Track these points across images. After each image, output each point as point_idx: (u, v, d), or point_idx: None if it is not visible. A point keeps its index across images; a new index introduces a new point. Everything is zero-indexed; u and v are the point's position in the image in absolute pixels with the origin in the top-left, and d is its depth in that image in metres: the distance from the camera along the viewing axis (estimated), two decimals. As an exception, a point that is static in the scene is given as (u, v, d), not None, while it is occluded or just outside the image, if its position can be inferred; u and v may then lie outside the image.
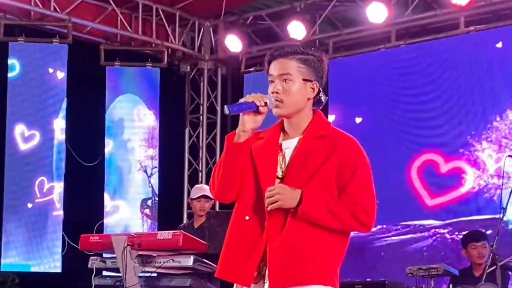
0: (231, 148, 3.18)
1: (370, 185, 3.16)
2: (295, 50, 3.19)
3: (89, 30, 9.24)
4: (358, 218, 3.09)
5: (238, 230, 3.18)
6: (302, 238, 3.08)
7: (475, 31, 8.32)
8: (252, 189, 3.18)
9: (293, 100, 3.15)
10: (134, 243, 5.32)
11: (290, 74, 3.16)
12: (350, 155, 3.14)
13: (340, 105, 8.88)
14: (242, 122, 3.15)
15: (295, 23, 9.05)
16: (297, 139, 3.19)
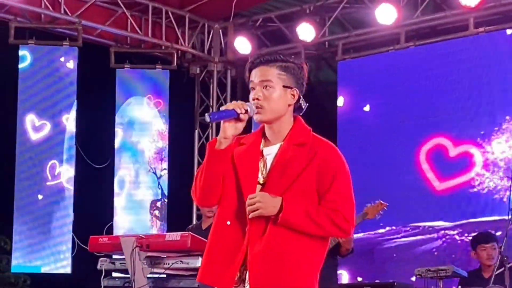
0: (213, 154, 3.24)
1: (350, 191, 3.23)
2: (275, 57, 3.27)
3: (99, 32, 9.28)
4: (338, 225, 3.18)
5: (220, 235, 3.25)
6: (282, 243, 3.16)
7: (484, 32, 8.30)
8: (233, 195, 3.25)
9: (274, 107, 3.23)
10: (142, 245, 5.35)
11: (270, 81, 3.24)
12: (329, 162, 3.21)
13: (349, 105, 8.88)
14: (223, 129, 3.22)
15: (305, 25, 9.05)
16: (278, 145, 3.26)
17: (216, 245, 3.25)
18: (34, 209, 8.72)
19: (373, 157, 8.56)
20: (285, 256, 3.15)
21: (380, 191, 7.88)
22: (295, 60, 3.30)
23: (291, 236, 3.16)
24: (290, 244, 3.16)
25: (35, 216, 8.72)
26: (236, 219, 3.23)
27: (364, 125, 8.76)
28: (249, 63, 3.32)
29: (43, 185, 8.74)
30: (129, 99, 9.49)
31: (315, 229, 3.17)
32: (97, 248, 5.78)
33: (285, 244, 3.16)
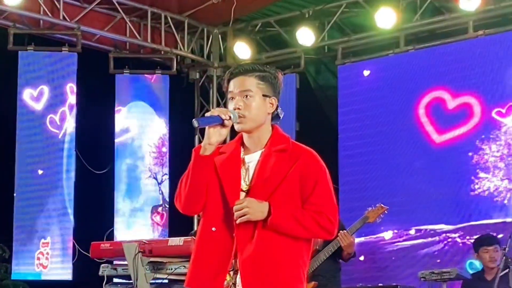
0: (198, 160, 3.30)
1: (331, 194, 3.35)
2: (253, 67, 3.36)
3: (98, 38, 9.28)
4: (323, 226, 3.29)
5: (206, 241, 3.31)
6: (271, 246, 3.25)
7: (484, 35, 8.31)
8: (217, 202, 3.31)
9: (254, 115, 3.31)
10: (145, 250, 5.35)
11: (250, 91, 3.32)
12: (310, 167, 3.31)
13: (349, 108, 8.90)
14: (208, 135, 3.28)
15: (304, 29, 9.06)
16: (259, 153, 3.35)
17: (203, 251, 3.31)
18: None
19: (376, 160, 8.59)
20: (274, 258, 3.24)
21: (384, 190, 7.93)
22: (270, 69, 3.40)
23: (278, 239, 3.26)
24: (278, 246, 3.25)
25: (35, 222, 8.70)
26: (222, 225, 3.29)
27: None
28: (227, 73, 3.40)
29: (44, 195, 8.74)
30: (129, 104, 9.48)
31: (302, 232, 3.28)
32: (99, 254, 5.77)
33: (274, 247, 3.25)
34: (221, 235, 3.28)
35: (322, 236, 3.35)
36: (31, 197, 8.72)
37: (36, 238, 8.69)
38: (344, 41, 9.21)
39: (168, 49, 9.57)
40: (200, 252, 3.31)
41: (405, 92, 8.63)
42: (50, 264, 8.63)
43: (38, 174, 8.74)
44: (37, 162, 8.76)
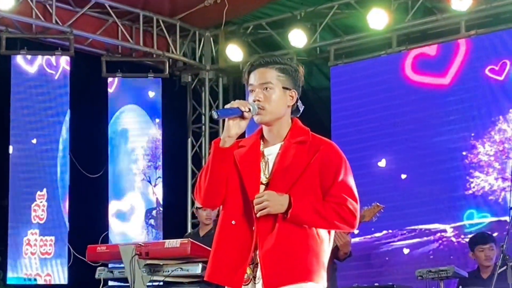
0: (218, 153, 3.30)
1: (352, 184, 3.32)
2: (274, 60, 3.34)
3: (90, 42, 9.27)
4: (344, 218, 3.26)
5: (226, 235, 3.30)
6: (291, 239, 3.22)
7: (476, 35, 8.34)
8: (237, 195, 3.30)
9: (274, 107, 3.30)
10: (141, 252, 5.35)
11: (270, 83, 3.31)
12: (331, 158, 3.28)
13: (343, 112, 8.91)
14: (227, 128, 3.28)
15: (296, 31, 9.07)
16: (279, 145, 3.33)
17: (223, 244, 3.30)
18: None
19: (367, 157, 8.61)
20: (295, 252, 3.22)
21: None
22: (291, 62, 3.38)
23: (299, 231, 3.23)
24: (298, 240, 3.23)
25: (29, 225, 8.69)
26: (242, 219, 3.28)
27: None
28: (248, 65, 3.38)
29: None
30: (121, 108, 9.48)
31: (323, 224, 3.26)
32: (95, 257, 5.76)
33: (294, 239, 3.22)
34: (241, 228, 3.26)
35: (343, 228, 3.32)
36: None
37: (31, 241, 8.67)
38: (336, 43, 9.22)
39: (160, 52, 9.57)
40: (220, 246, 3.30)
41: (398, 91, 8.65)
42: (44, 269, 8.61)
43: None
44: (29, 163, 8.75)
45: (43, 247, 8.64)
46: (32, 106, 8.81)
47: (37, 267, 8.62)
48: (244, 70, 3.38)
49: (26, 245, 8.62)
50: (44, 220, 8.68)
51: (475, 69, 8.24)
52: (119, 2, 9.13)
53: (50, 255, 8.63)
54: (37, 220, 8.69)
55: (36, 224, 8.67)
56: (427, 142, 8.36)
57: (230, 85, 10.08)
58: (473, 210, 8.01)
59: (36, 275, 8.62)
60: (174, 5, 9.45)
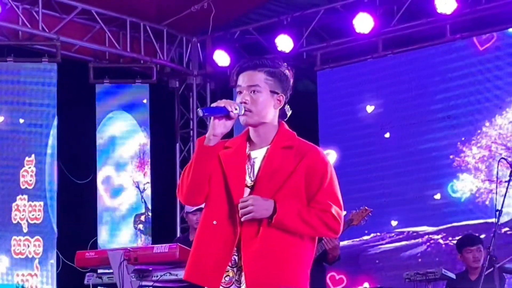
0: (202, 151, 3.30)
1: (337, 192, 3.32)
2: (263, 62, 3.33)
3: (77, 48, 9.27)
4: (328, 225, 3.27)
5: (206, 234, 3.30)
6: (276, 244, 3.23)
7: (461, 38, 8.39)
8: (221, 197, 3.30)
9: (260, 110, 3.29)
10: (130, 258, 5.33)
11: (258, 86, 3.30)
12: (317, 164, 3.28)
13: (328, 113, 8.95)
14: (213, 127, 3.27)
15: (283, 36, 9.10)
16: (265, 149, 3.33)
17: (203, 244, 3.30)
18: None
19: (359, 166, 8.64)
20: (279, 256, 3.23)
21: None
22: (282, 66, 3.36)
23: (283, 236, 3.24)
24: (283, 244, 3.23)
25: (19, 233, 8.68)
26: (224, 219, 3.28)
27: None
28: (236, 67, 3.38)
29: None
30: (109, 114, 9.48)
31: (307, 230, 3.26)
32: (84, 263, 5.75)
33: (279, 244, 3.23)
34: (222, 229, 3.26)
35: (327, 235, 3.34)
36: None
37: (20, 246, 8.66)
38: (323, 47, 9.26)
39: (148, 58, 9.58)
40: (200, 245, 3.30)
41: (384, 96, 8.69)
42: (34, 274, 8.60)
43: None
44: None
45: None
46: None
47: (25, 273, 8.58)
48: (233, 71, 3.39)
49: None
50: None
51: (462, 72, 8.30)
52: (106, 8, 9.13)
53: (38, 255, 8.60)
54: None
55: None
56: (415, 145, 8.40)
57: (217, 90, 10.09)
58: (461, 212, 8.05)
59: (24, 282, 8.59)
60: (161, 11, 9.47)
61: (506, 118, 7.99)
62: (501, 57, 8.10)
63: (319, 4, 9.09)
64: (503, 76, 8.09)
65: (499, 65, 8.11)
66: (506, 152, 7.85)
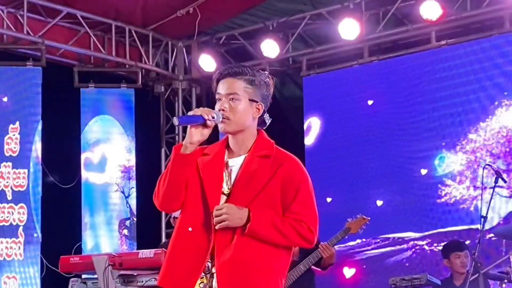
0: (178, 158, 3.30)
1: (313, 203, 3.33)
2: (243, 70, 3.34)
3: (62, 52, 9.24)
4: (302, 235, 3.28)
5: (181, 241, 3.31)
6: (249, 252, 3.25)
7: (446, 45, 8.43)
8: (197, 203, 3.31)
9: (239, 118, 3.30)
10: (115, 263, 5.32)
11: (237, 94, 3.31)
12: (293, 174, 3.30)
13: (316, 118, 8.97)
14: (190, 135, 3.28)
15: (268, 41, 9.11)
16: (243, 157, 3.34)
17: (178, 250, 3.30)
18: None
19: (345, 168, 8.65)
20: (252, 264, 3.24)
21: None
22: (261, 75, 3.38)
23: (257, 245, 3.25)
24: (256, 253, 3.25)
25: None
26: (199, 226, 3.29)
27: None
28: (217, 74, 3.39)
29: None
30: (94, 118, 9.45)
31: (281, 239, 3.27)
32: (68, 268, 5.72)
33: (252, 253, 3.24)
34: (197, 236, 3.27)
35: (301, 245, 3.35)
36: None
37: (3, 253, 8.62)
38: (309, 53, 9.28)
39: (133, 63, 9.56)
40: (175, 251, 3.31)
41: (369, 101, 8.71)
42: (19, 280, 8.55)
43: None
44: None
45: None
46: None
47: (10, 277, 8.53)
48: (213, 78, 3.40)
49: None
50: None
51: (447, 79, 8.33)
52: (91, 12, 9.10)
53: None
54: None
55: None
56: (400, 151, 8.43)
57: (203, 95, 10.08)
58: (445, 218, 8.07)
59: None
60: (146, 15, 9.45)
61: (490, 124, 8.02)
62: (486, 64, 8.13)
63: (305, 10, 9.10)
64: (488, 82, 8.12)
65: (483, 71, 8.13)
66: (491, 158, 7.89)
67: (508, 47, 8.05)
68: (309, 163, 8.31)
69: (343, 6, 8.74)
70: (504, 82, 8.03)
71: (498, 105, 8.02)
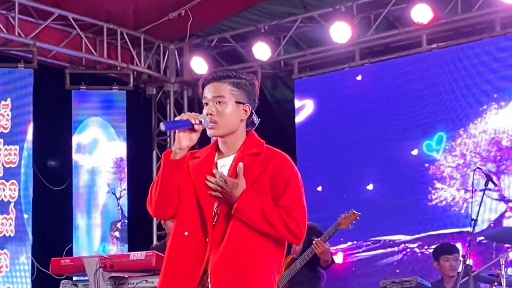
0: (168, 165, 3.32)
1: (302, 198, 3.34)
2: (227, 74, 3.37)
3: (54, 54, 9.23)
4: (290, 228, 3.28)
5: (178, 246, 3.32)
6: (240, 248, 3.26)
7: (437, 48, 8.46)
8: (191, 206, 3.32)
9: (226, 122, 3.34)
10: (106, 265, 5.31)
11: (223, 97, 3.34)
12: (282, 169, 3.32)
13: (306, 122, 8.97)
14: (178, 140, 3.30)
15: (260, 44, 9.12)
16: (232, 157, 3.36)
17: (175, 255, 3.32)
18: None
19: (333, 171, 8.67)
20: (243, 260, 3.25)
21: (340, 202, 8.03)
22: (247, 76, 3.41)
23: (249, 241, 3.26)
24: (248, 248, 3.26)
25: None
26: (195, 230, 3.30)
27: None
28: (202, 79, 3.43)
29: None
30: (86, 120, 9.44)
31: (267, 228, 3.26)
32: (59, 270, 5.72)
33: (243, 249, 3.26)
34: (193, 240, 3.28)
35: (288, 239, 3.33)
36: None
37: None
38: (300, 56, 9.29)
39: (125, 65, 9.56)
40: (173, 257, 3.32)
41: (361, 104, 8.73)
42: (9, 282, 8.53)
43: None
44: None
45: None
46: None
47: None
48: (199, 84, 3.43)
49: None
50: (13, 233, 8.59)
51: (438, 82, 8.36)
52: (82, 14, 9.10)
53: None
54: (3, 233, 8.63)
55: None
56: (391, 154, 8.45)
57: (195, 97, 10.09)
58: (436, 221, 8.10)
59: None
60: (138, 18, 9.45)
61: (480, 127, 8.05)
62: (476, 67, 8.16)
63: (297, 13, 9.12)
64: (478, 85, 8.15)
65: (473, 74, 8.17)
66: (481, 161, 7.92)
67: (498, 50, 8.08)
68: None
69: (335, 9, 8.76)
70: (494, 85, 8.05)
71: (488, 108, 8.05)
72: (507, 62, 8.00)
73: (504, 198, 7.77)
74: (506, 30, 8.12)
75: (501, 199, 7.78)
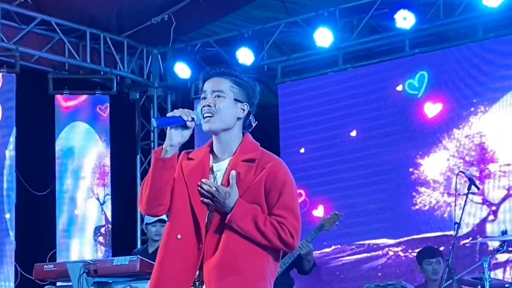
0: (158, 163, 3.27)
1: (296, 206, 3.30)
2: (230, 71, 3.36)
3: (36, 59, 9.19)
4: (283, 238, 3.24)
5: (171, 249, 3.28)
6: (235, 255, 3.21)
7: (420, 53, 8.50)
8: (184, 209, 3.28)
9: (223, 116, 3.29)
10: (90, 270, 5.32)
11: (223, 92, 3.31)
12: (277, 176, 3.27)
13: (289, 125, 8.99)
14: (169, 137, 3.26)
15: (243, 49, 9.14)
16: (227, 161, 3.32)
17: (167, 259, 3.27)
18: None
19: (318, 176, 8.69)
20: (238, 268, 3.21)
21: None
22: (249, 79, 3.39)
23: (244, 249, 3.23)
24: (243, 256, 3.22)
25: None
26: (188, 234, 3.26)
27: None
28: (203, 72, 3.39)
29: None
30: (69, 124, 9.42)
31: (260, 238, 3.24)
32: (42, 275, 5.71)
33: (238, 256, 3.22)
34: (186, 244, 3.25)
35: (281, 249, 3.30)
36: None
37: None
38: (284, 60, 9.31)
39: (108, 70, 9.53)
40: (164, 260, 3.28)
41: (344, 109, 8.76)
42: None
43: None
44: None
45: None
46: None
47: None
48: (200, 77, 3.39)
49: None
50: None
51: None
52: (65, 19, 9.07)
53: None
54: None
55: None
56: (374, 159, 8.48)
57: (178, 102, 10.08)
58: (420, 225, 8.12)
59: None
60: (121, 22, 9.44)
61: (463, 131, 8.09)
62: (459, 72, 8.21)
63: (280, 18, 9.14)
64: (461, 90, 8.19)
65: (457, 79, 8.21)
66: (464, 165, 7.96)
67: (481, 55, 8.13)
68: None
69: (318, 14, 8.78)
70: (476, 90, 8.10)
71: (471, 113, 8.09)
72: (489, 67, 8.05)
73: (487, 202, 7.81)
74: (487, 34, 8.17)
75: (483, 203, 7.82)
